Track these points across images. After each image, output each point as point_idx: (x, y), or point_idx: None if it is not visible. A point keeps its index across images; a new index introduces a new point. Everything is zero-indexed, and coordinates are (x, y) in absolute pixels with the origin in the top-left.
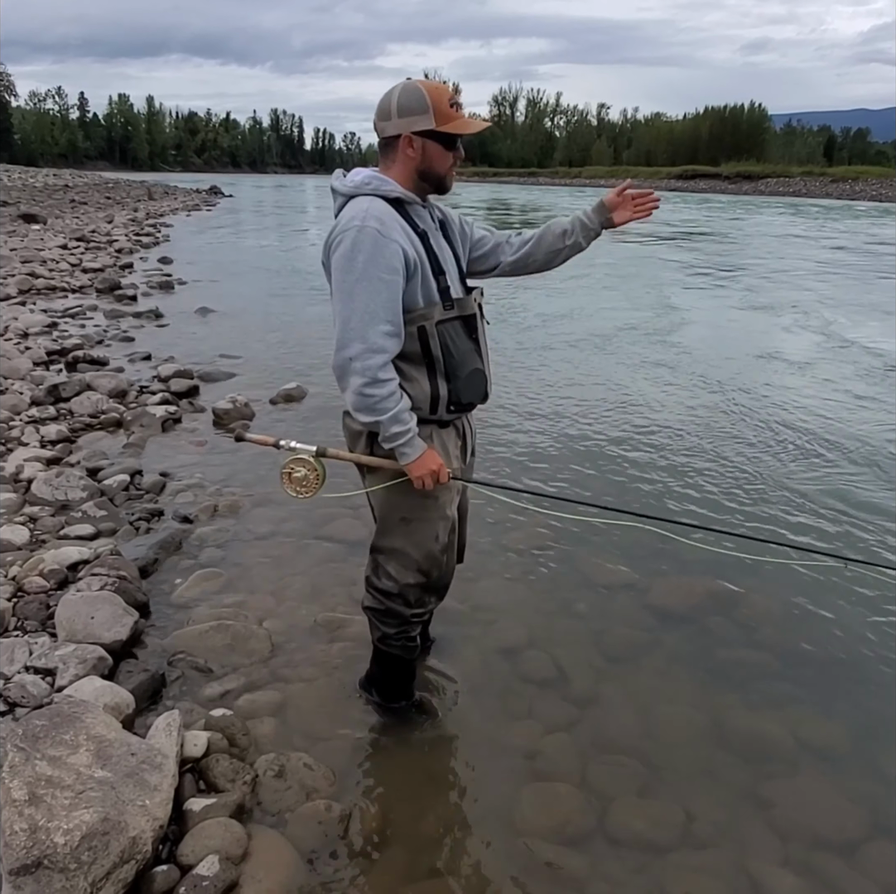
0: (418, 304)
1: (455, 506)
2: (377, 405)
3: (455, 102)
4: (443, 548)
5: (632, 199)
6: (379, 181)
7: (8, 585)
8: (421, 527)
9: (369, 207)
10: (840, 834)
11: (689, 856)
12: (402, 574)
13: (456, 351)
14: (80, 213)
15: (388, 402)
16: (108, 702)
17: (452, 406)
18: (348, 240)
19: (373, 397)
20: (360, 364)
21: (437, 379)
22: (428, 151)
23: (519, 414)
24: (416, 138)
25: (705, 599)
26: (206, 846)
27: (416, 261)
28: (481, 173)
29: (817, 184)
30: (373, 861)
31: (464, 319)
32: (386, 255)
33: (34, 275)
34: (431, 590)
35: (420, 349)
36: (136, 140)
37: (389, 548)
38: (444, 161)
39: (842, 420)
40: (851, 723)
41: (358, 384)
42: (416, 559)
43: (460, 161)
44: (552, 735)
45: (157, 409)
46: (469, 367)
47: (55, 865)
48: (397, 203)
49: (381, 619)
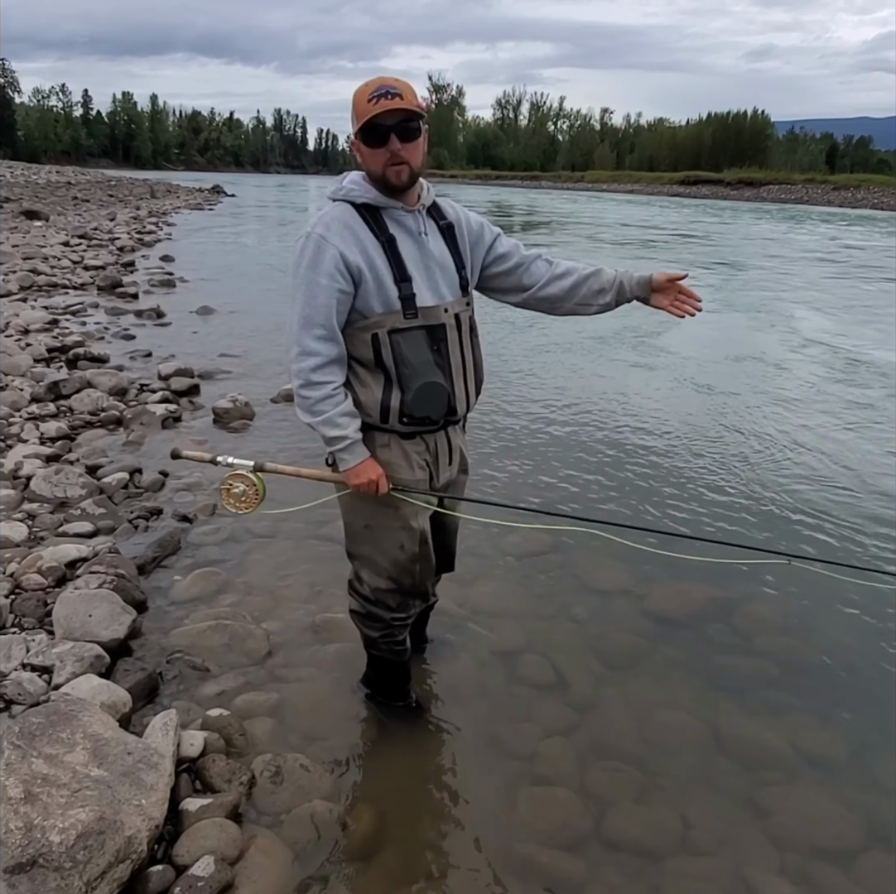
0: (374, 311)
1: (423, 518)
2: (312, 407)
3: (376, 95)
4: (412, 558)
5: (678, 291)
6: (351, 186)
7: (6, 582)
8: (384, 536)
9: (324, 213)
10: (837, 843)
11: (686, 863)
12: (374, 580)
13: (410, 362)
14: (83, 211)
15: (322, 405)
16: (104, 701)
17: (405, 418)
18: (298, 246)
19: (308, 398)
20: (296, 366)
21: (391, 389)
22: (362, 153)
23: (514, 415)
24: (356, 142)
25: (703, 606)
26: (202, 846)
27: (361, 268)
28: (484, 176)
29: (819, 191)
30: (368, 863)
31: (428, 329)
32: (325, 260)
33: (36, 272)
34: (409, 595)
35: (373, 357)
36: (139, 138)
37: (359, 554)
38: (373, 159)
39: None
40: (849, 732)
41: (295, 385)
42: (384, 567)
43: (395, 153)
44: (550, 739)
45: (158, 408)
46: (423, 380)
47: (50, 864)
48: (365, 208)
49: (364, 623)
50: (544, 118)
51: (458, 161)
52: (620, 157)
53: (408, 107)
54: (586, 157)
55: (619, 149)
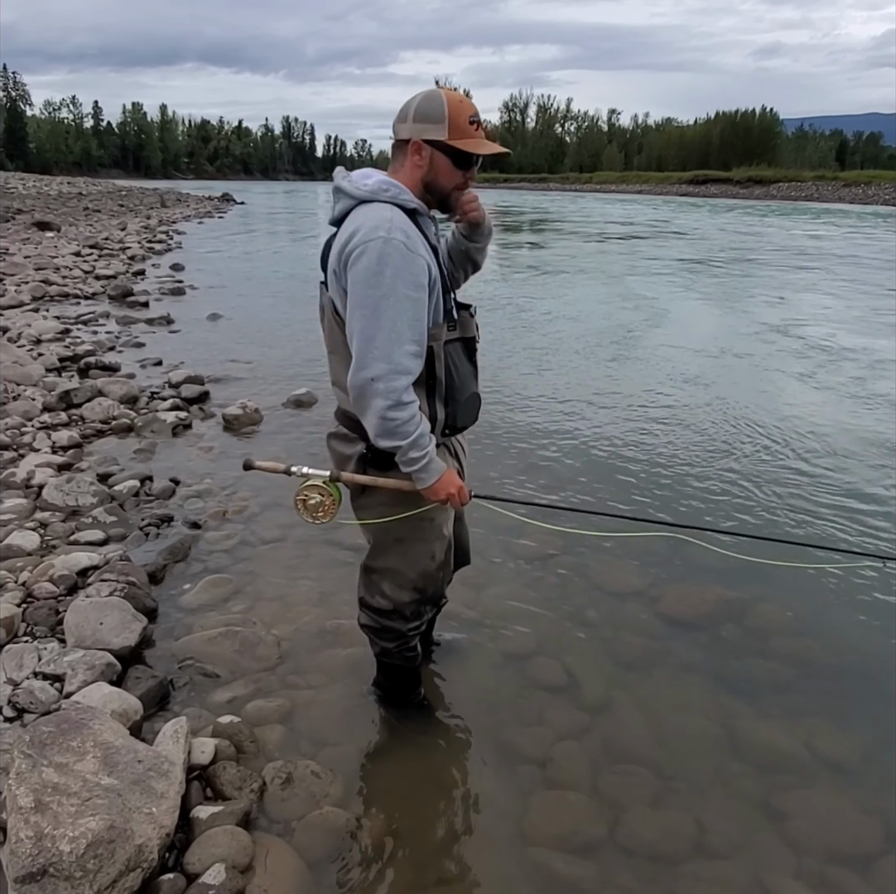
0: (429, 325)
1: (451, 525)
2: (399, 429)
3: (476, 120)
4: (439, 566)
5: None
6: (397, 189)
7: (18, 591)
8: (416, 547)
9: (393, 218)
10: (854, 848)
11: (702, 868)
12: (397, 592)
13: (457, 374)
14: (94, 221)
15: (409, 426)
16: (115, 709)
17: (448, 430)
18: (373, 252)
19: (395, 420)
20: (384, 385)
21: (435, 402)
22: (435, 163)
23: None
24: (426, 146)
25: (717, 607)
26: (213, 854)
27: (437, 277)
28: (492, 179)
29: (829, 188)
30: (380, 869)
31: (464, 341)
32: (413, 271)
33: (47, 282)
34: (427, 603)
35: (425, 370)
36: (149, 148)
37: (383, 567)
38: (451, 176)
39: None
40: (865, 735)
41: (381, 407)
42: (411, 578)
43: (471, 182)
44: (562, 742)
45: (168, 415)
46: (468, 391)
47: (60, 873)
48: (413, 213)
49: (378, 636)
50: (552, 120)
51: None
52: (628, 158)
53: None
54: (594, 159)
55: (627, 149)
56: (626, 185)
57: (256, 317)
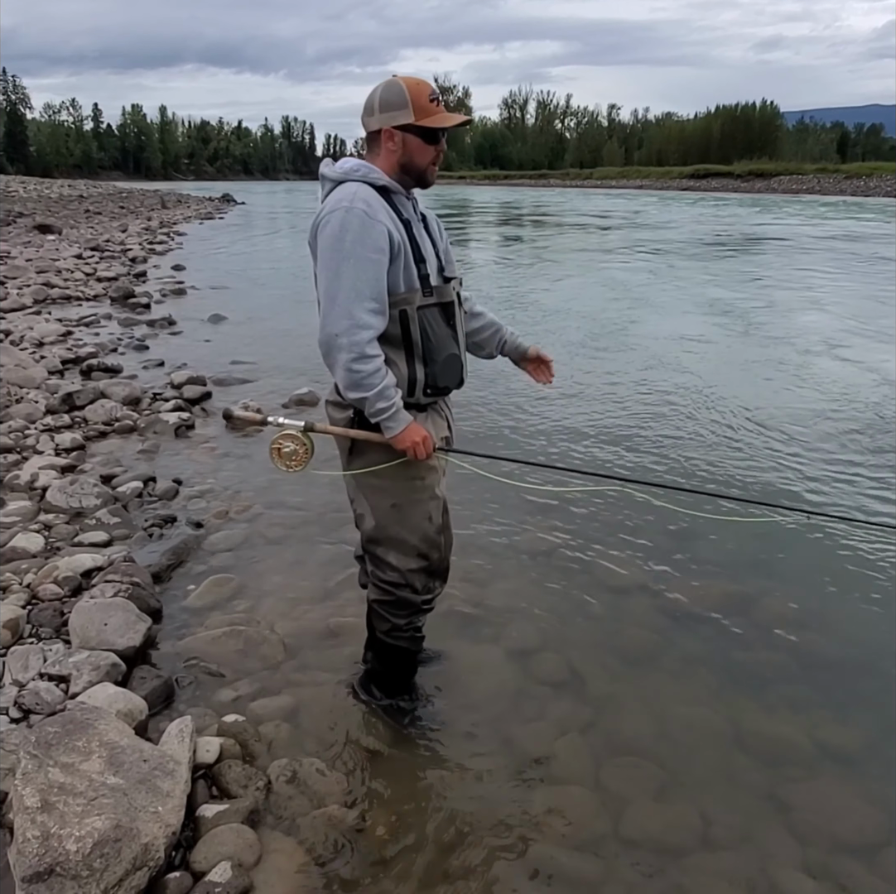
0: (400, 289)
1: (443, 486)
2: (364, 380)
3: (435, 97)
4: (438, 529)
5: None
6: (367, 169)
7: (22, 593)
8: (413, 511)
9: (357, 190)
10: (860, 838)
11: (706, 861)
12: (404, 561)
13: (434, 335)
14: (95, 223)
15: (374, 378)
16: (121, 709)
17: (429, 389)
18: (336, 220)
19: (360, 373)
20: (347, 340)
21: (414, 362)
22: (408, 145)
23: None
24: (397, 132)
25: (721, 600)
26: (219, 852)
27: (400, 244)
28: (492, 176)
29: (831, 181)
30: (386, 866)
31: (442, 306)
32: (373, 236)
33: (49, 285)
34: (434, 573)
35: (400, 332)
36: (149, 149)
37: (386, 536)
38: (424, 154)
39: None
40: (870, 726)
41: (345, 360)
42: (413, 544)
43: (442, 154)
44: (566, 737)
45: (171, 416)
46: (446, 352)
47: (67, 872)
48: (383, 191)
49: (390, 611)
50: (551, 116)
51: (466, 162)
52: (629, 153)
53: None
54: (594, 154)
55: (628, 144)
56: (626, 181)
57: (258, 317)
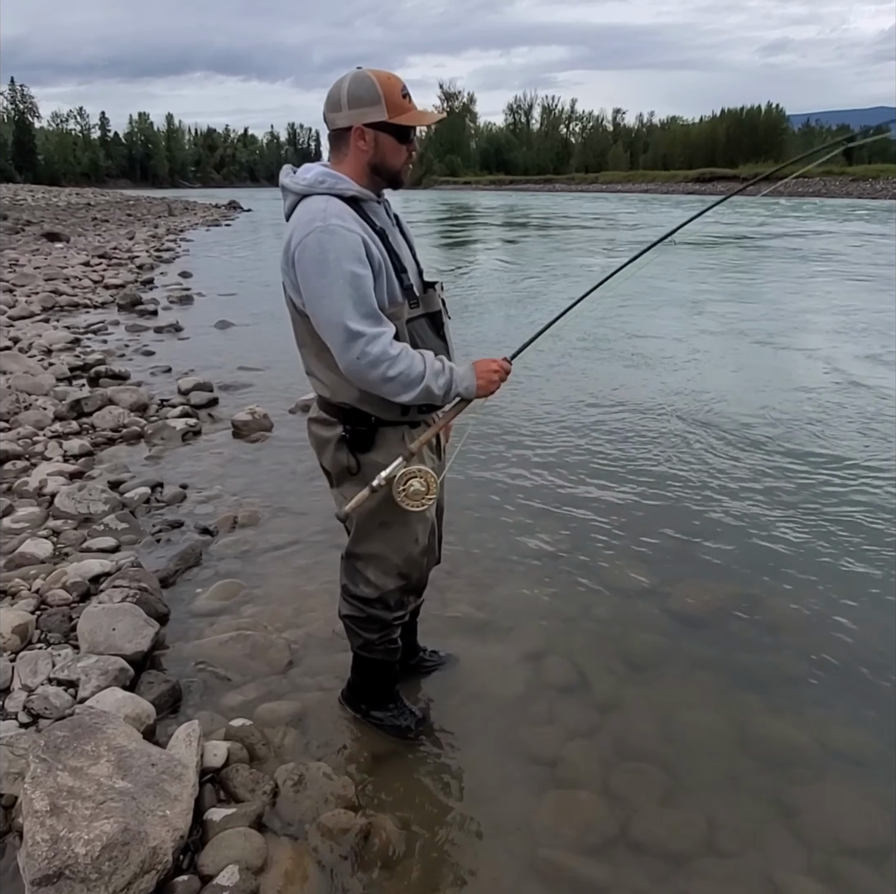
0: (384, 305)
1: (434, 508)
2: (410, 375)
3: (406, 92)
4: (423, 551)
5: None
6: (333, 179)
7: (31, 598)
8: (400, 531)
9: (327, 207)
10: (868, 841)
11: (713, 865)
12: (382, 579)
13: (426, 349)
14: (102, 231)
15: (414, 369)
16: (129, 713)
17: (424, 406)
18: (313, 243)
19: (400, 374)
20: (369, 358)
21: None
22: (381, 144)
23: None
24: (368, 130)
25: (727, 602)
26: (227, 856)
27: (380, 259)
28: (498, 181)
29: (837, 183)
30: (393, 870)
31: (430, 316)
32: (356, 249)
33: (57, 293)
34: (412, 591)
35: None
36: (156, 157)
37: (367, 553)
38: (398, 154)
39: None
40: (877, 728)
41: (380, 376)
42: (396, 563)
43: (415, 154)
44: (573, 741)
45: (178, 422)
46: None
47: (76, 875)
48: (353, 201)
49: (362, 627)
50: (556, 121)
51: (472, 167)
52: (634, 157)
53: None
54: (599, 159)
55: (633, 149)
56: (631, 185)
57: (265, 322)
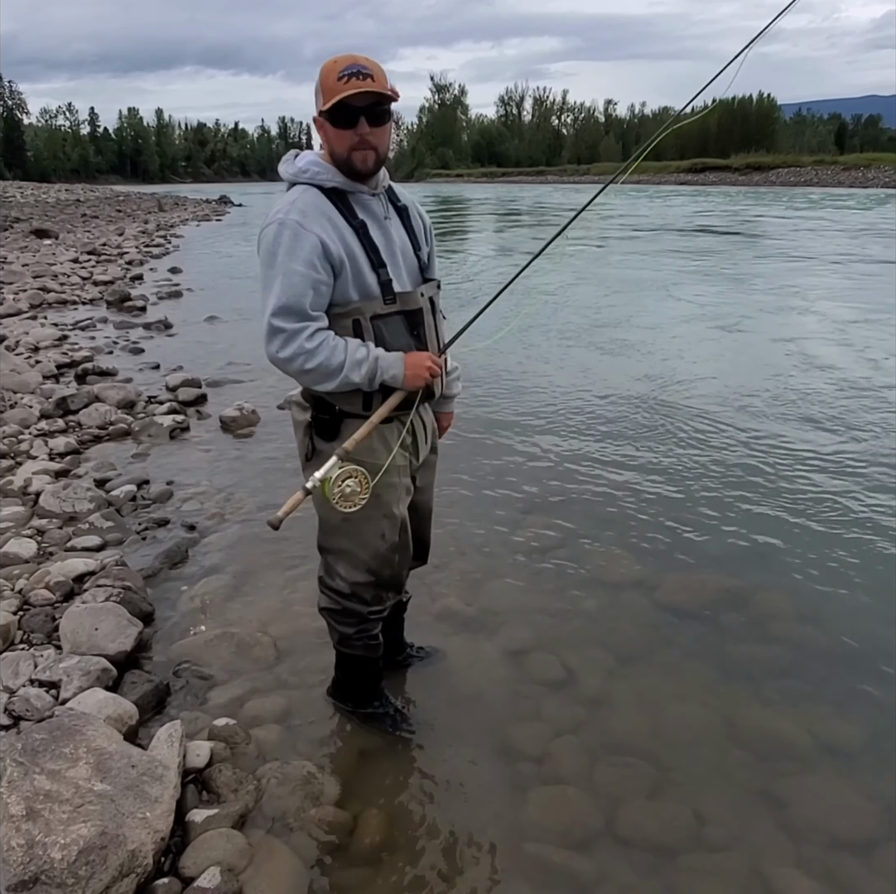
0: (352, 299)
1: (403, 505)
2: (329, 367)
3: (347, 73)
4: (392, 547)
5: None
6: (318, 168)
7: (14, 598)
8: (364, 527)
9: (296, 199)
10: (857, 834)
11: (701, 859)
12: (352, 573)
13: (393, 347)
14: (92, 227)
15: (333, 359)
16: (110, 714)
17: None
18: (270, 235)
19: (320, 364)
20: (289, 351)
21: None
22: (326, 133)
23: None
24: (319, 119)
25: (716, 595)
26: (208, 857)
27: (342, 257)
28: (489, 174)
29: (829, 172)
30: (378, 868)
31: (406, 314)
32: (306, 248)
33: (45, 290)
34: (386, 587)
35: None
36: (146, 153)
37: (335, 547)
38: (340, 141)
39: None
40: (867, 720)
41: (298, 368)
42: (363, 559)
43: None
44: (560, 737)
45: (165, 419)
46: None
47: (52, 880)
48: (336, 192)
49: (338, 620)
50: (548, 113)
51: (464, 160)
52: (626, 148)
53: (380, 90)
54: (592, 150)
55: (625, 140)
56: (623, 176)
57: (254, 317)
